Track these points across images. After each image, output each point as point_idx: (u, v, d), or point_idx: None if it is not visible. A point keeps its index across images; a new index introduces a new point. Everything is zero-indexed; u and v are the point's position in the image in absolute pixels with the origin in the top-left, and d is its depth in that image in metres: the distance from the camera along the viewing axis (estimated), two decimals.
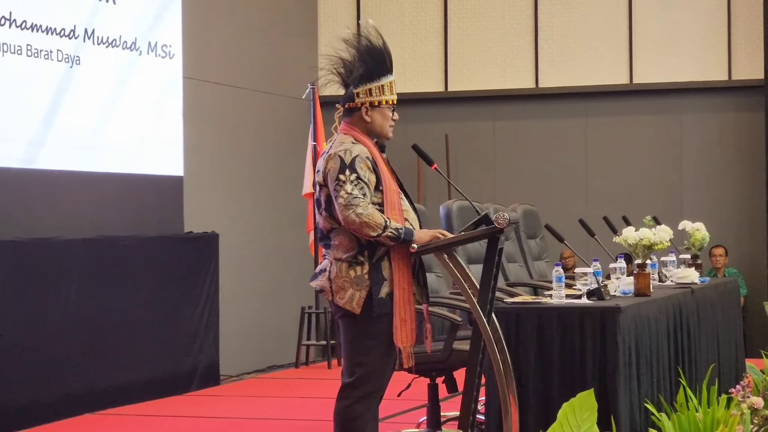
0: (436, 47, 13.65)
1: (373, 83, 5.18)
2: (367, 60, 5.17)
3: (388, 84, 5.21)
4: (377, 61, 5.18)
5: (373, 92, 5.19)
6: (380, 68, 5.19)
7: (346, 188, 4.99)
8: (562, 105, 13.35)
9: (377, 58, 5.19)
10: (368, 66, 5.17)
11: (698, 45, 12.94)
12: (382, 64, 5.19)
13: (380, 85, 5.19)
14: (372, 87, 5.19)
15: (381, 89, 5.20)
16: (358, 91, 5.19)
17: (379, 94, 5.20)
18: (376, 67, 5.18)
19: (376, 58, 5.18)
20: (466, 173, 13.35)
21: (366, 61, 5.17)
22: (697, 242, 8.23)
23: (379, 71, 5.19)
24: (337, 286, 5.08)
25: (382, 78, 5.20)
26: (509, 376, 5.14)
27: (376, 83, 5.19)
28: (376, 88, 5.19)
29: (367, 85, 5.18)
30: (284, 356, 12.41)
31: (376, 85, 5.19)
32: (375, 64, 5.18)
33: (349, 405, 5.10)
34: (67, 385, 8.85)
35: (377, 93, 5.20)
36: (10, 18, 8.94)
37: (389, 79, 5.21)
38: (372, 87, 5.19)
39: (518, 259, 8.28)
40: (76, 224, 9.41)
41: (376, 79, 5.18)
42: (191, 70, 11.18)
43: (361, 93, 5.19)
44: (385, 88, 5.20)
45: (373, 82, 5.18)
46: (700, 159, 13.01)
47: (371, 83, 5.18)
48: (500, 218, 5.05)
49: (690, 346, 6.77)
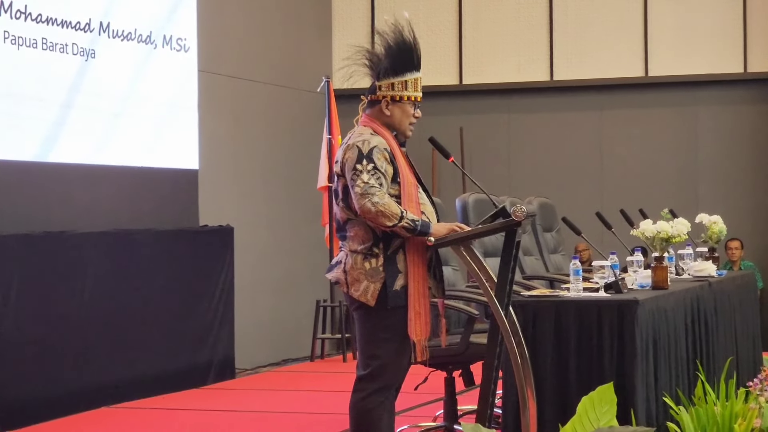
0: (451, 40, 13.63)
1: (396, 78, 5.18)
2: (394, 54, 5.18)
3: (413, 80, 5.20)
4: (404, 56, 5.18)
5: (395, 86, 5.19)
6: (405, 64, 5.19)
7: (362, 177, 4.99)
8: (577, 98, 13.32)
9: (404, 53, 5.18)
10: (393, 60, 5.17)
11: (713, 37, 12.89)
12: (408, 59, 5.19)
13: (404, 80, 5.19)
14: (395, 81, 5.19)
15: (404, 85, 5.19)
16: (381, 84, 5.20)
17: (402, 90, 5.19)
18: (401, 62, 5.18)
19: (403, 53, 5.18)
20: (480, 166, 13.33)
21: (392, 54, 5.17)
22: (714, 235, 8.20)
23: (404, 66, 5.18)
24: (352, 278, 5.08)
25: (407, 74, 5.19)
26: (527, 370, 5.13)
27: (400, 78, 5.19)
28: (399, 83, 5.19)
29: (390, 79, 5.19)
30: (299, 349, 12.41)
31: (400, 80, 5.19)
32: (401, 59, 5.18)
33: (363, 398, 5.10)
34: (83, 378, 8.86)
35: (400, 88, 5.19)
36: (26, 11, 8.94)
37: (414, 76, 5.21)
38: (395, 81, 5.19)
39: (534, 252, 8.26)
40: (91, 218, 9.41)
41: (400, 74, 5.18)
42: (206, 63, 11.18)
43: (384, 86, 5.20)
44: (408, 84, 5.20)
45: (396, 77, 5.18)
46: (716, 152, 12.98)
47: (395, 78, 5.18)
48: (518, 211, 5.03)
49: (708, 340, 6.75)
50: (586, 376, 5.34)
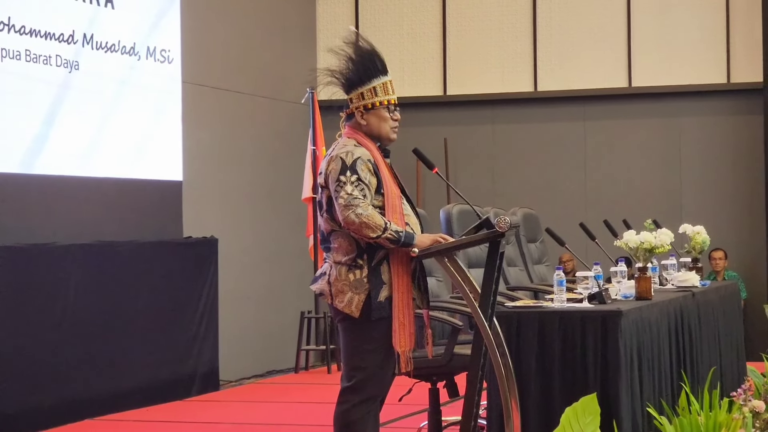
0: (435, 51, 13.64)
1: (363, 87, 5.20)
2: (356, 64, 5.20)
3: (381, 85, 5.21)
4: (365, 64, 5.21)
5: (365, 96, 5.20)
6: (369, 71, 5.21)
7: (346, 189, 4.99)
8: (560, 109, 13.34)
9: (365, 61, 5.21)
10: (357, 71, 5.20)
11: (697, 48, 12.93)
12: (370, 66, 5.21)
13: (371, 87, 5.20)
14: (363, 91, 5.20)
15: (373, 91, 5.20)
16: (351, 96, 5.23)
17: (372, 96, 5.20)
18: (364, 71, 5.20)
19: (364, 62, 5.21)
20: (464, 177, 13.34)
21: (354, 65, 5.20)
22: (697, 245, 8.22)
23: (368, 74, 5.20)
24: (336, 290, 5.08)
25: (373, 80, 5.20)
26: (511, 381, 5.12)
27: (367, 86, 5.20)
28: (368, 91, 5.20)
29: (358, 89, 5.21)
30: (284, 361, 12.39)
31: (367, 88, 5.20)
32: (363, 67, 5.20)
33: (348, 409, 5.09)
34: (67, 390, 8.83)
35: (369, 95, 5.20)
36: (9, 23, 8.93)
37: (382, 80, 5.21)
38: (363, 91, 5.20)
39: (518, 263, 8.26)
40: (74, 229, 9.39)
41: (366, 82, 5.20)
42: (190, 74, 11.17)
43: (354, 98, 5.23)
44: (377, 90, 5.21)
45: (363, 86, 5.20)
46: (699, 162, 13.00)
47: (362, 87, 5.20)
48: (501, 222, 5.03)
49: (691, 350, 6.76)
50: (570, 386, 5.35)
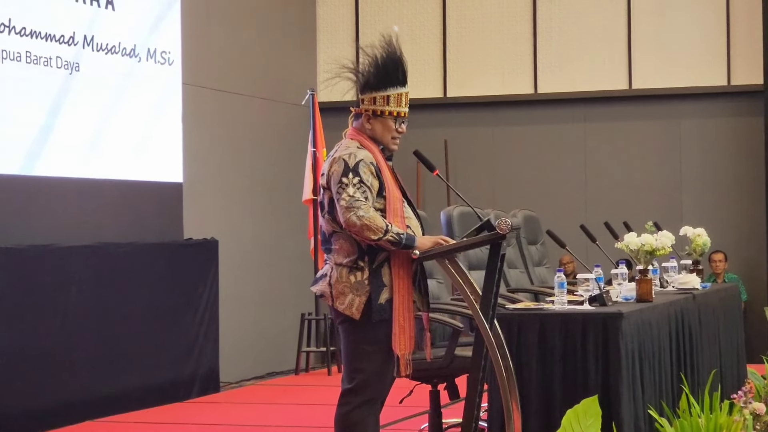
0: (435, 53, 13.64)
1: (378, 92, 5.17)
2: (378, 68, 5.16)
3: (396, 95, 5.18)
4: (387, 71, 5.16)
5: (377, 101, 5.18)
6: (389, 79, 5.17)
7: (348, 191, 4.99)
8: (561, 111, 13.34)
9: (389, 68, 5.16)
10: (377, 74, 5.16)
11: (697, 50, 12.93)
12: (391, 74, 5.17)
13: (386, 95, 5.17)
14: (376, 96, 5.17)
15: (386, 99, 5.17)
16: (363, 97, 5.20)
17: (383, 104, 5.18)
18: (384, 77, 5.16)
19: (387, 68, 5.16)
20: (465, 179, 13.34)
21: (376, 69, 5.16)
22: (698, 248, 8.22)
23: (387, 81, 5.17)
24: (337, 291, 5.08)
25: (390, 89, 5.17)
26: (512, 383, 5.12)
27: (382, 93, 5.17)
28: (381, 97, 5.17)
29: (371, 93, 5.18)
30: (284, 363, 12.39)
31: (381, 94, 5.17)
32: (384, 74, 5.16)
33: (349, 411, 5.09)
34: (67, 392, 8.83)
35: (381, 103, 5.18)
36: (10, 25, 8.93)
37: (398, 91, 5.18)
38: (376, 96, 5.17)
39: (519, 265, 8.27)
40: (75, 231, 9.39)
41: (382, 88, 5.17)
42: (190, 76, 11.17)
43: (366, 100, 5.20)
44: (390, 99, 5.18)
45: (378, 92, 5.17)
46: (700, 164, 13.00)
47: (376, 92, 5.17)
48: (502, 224, 5.04)
49: (692, 352, 6.76)
50: (571, 388, 5.35)
